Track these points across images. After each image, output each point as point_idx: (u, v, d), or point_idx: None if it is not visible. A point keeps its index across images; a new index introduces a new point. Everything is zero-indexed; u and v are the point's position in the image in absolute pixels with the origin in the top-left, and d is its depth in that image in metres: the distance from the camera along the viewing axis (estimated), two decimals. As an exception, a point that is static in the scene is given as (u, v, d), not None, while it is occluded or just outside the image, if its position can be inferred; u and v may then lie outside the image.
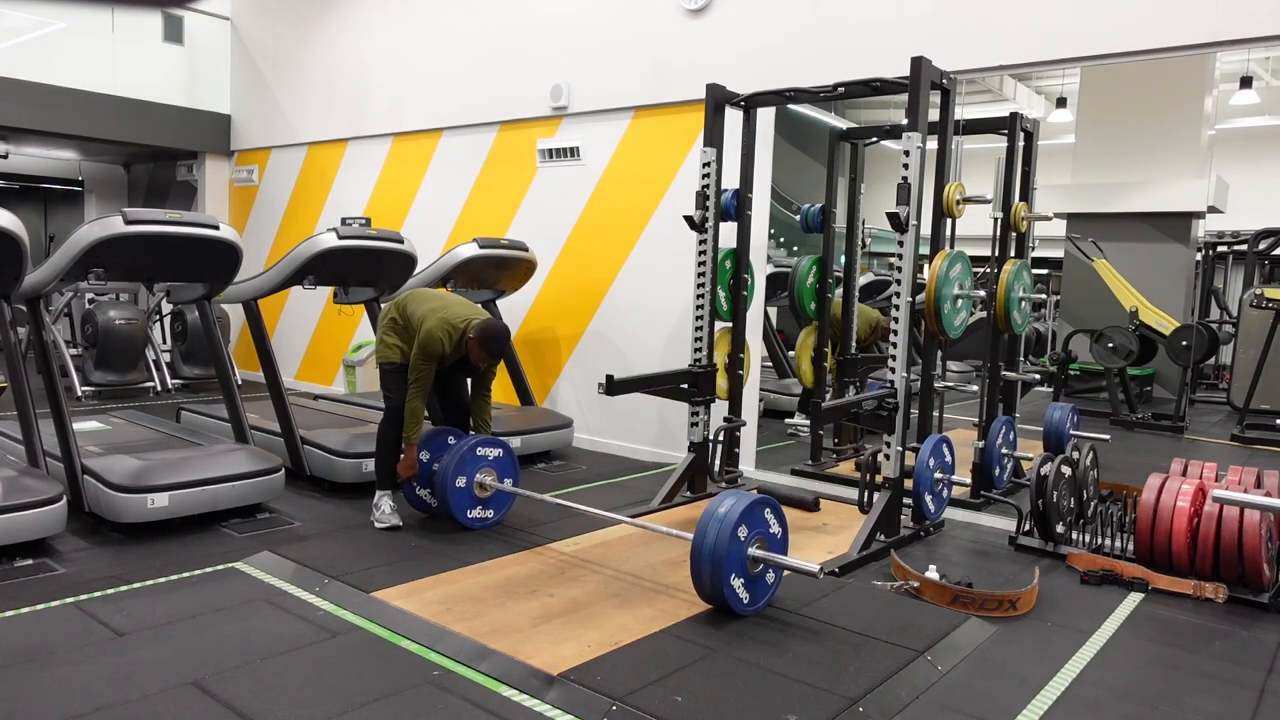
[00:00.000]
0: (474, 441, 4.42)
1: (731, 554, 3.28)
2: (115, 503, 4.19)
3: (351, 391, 8.18)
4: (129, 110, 9.00)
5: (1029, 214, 5.27)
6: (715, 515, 3.33)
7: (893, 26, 5.23)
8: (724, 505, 3.36)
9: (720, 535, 3.26)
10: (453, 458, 4.36)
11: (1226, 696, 2.97)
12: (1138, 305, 7.88)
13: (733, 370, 5.37)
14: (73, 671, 2.88)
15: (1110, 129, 8.09)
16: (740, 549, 3.32)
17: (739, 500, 3.37)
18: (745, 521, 3.32)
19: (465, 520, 4.41)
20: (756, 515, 3.40)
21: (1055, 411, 5.38)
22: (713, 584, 3.29)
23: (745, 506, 3.33)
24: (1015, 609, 3.62)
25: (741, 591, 3.34)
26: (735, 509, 3.32)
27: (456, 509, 4.36)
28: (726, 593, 3.29)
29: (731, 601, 3.31)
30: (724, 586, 3.27)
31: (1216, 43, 4.35)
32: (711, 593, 3.32)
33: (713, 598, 3.35)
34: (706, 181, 5.12)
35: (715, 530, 3.28)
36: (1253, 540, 3.73)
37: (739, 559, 3.32)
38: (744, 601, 3.36)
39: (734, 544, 3.28)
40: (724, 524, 3.28)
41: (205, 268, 4.90)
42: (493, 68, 7.24)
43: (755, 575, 3.40)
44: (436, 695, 2.79)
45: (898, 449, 4.34)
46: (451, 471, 4.33)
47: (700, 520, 3.35)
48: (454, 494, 4.34)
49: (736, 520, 3.29)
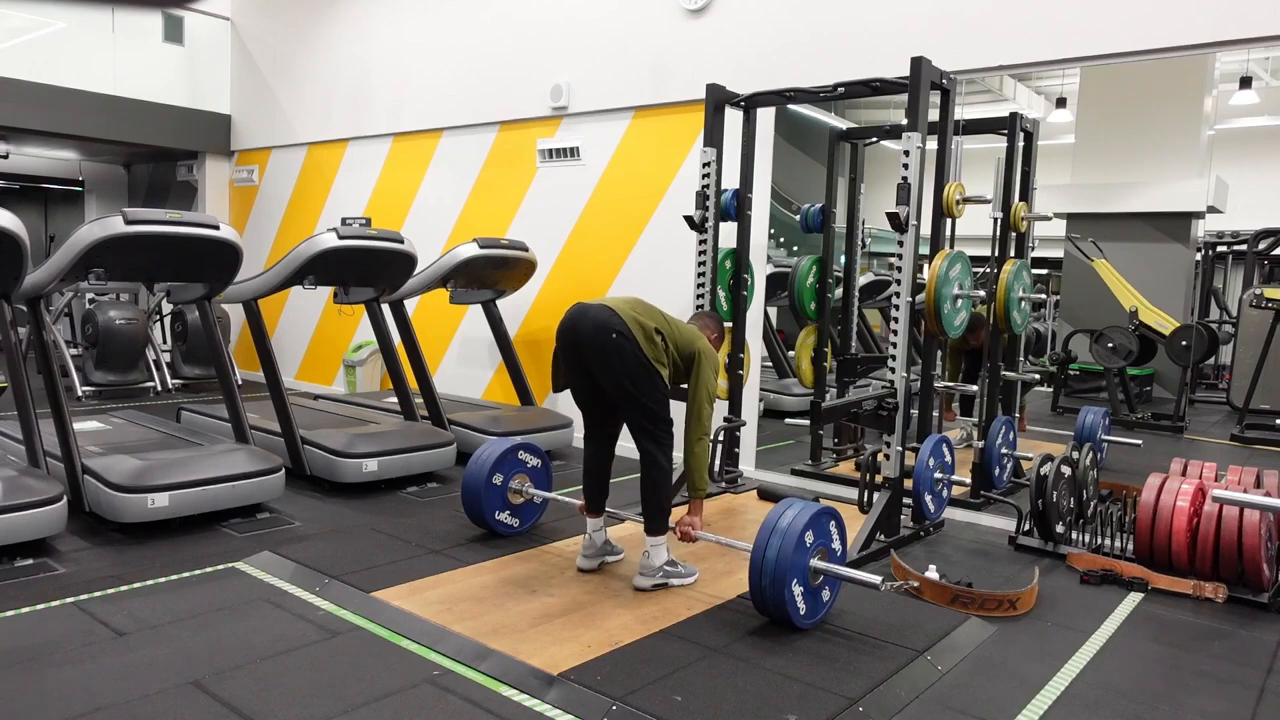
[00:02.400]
0: (518, 444, 4.34)
1: (795, 564, 3.17)
2: (115, 502, 4.19)
3: (351, 391, 8.18)
4: (129, 110, 9.00)
5: (1029, 214, 5.28)
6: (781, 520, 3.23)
7: (893, 26, 5.23)
8: (790, 513, 3.26)
9: (785, 543, 3.16)
10: (492, 454, 4.22)
11: (1226, 696, 2.97)
12: (1137, 305, 7.87)
13: (733, 370, 5.37)
14: (73, 671, 2.88)
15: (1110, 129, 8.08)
16: (804, 558, 3.22)
17: (805, 509, 3.27)
18: (812, 529, 3.23)
19: (491, 521, 4.25)
20: (822, 526, 3.31)
21: (1088, 415, 5.37)
22: (774, 590, 3.17)
23: (811, 515, 3.24)
24: (1015, 609, 3.62)
25: (800, 603, 3.24)
26: (801, 517, 3.22)
27: (487, 508, 4.22)
28: (787, 596, 3.17)
29: (791, 612, 3.20)
30: (785, 591, 3.16)
31: (1216, 43, 4.35)
32: (772, 600, 3.20)
33: (773, 607, 3.22)
34: (706, 181, 5.12)
35: (781, 535, 3.18)
36: (1252, 540, 3.73)
37: (801, 569, 3.21)
38: (801, 613, 3.25)
39: (799, 553, 3.19)
40: (789, 532, 3.18)
41: (205, 268, 4.90)
42: (493, 68, 7.24)
43: (815, 587, 3.30)
44: (436, 695, 2.79)
45: (898, 449, 4.34)
46: (490, 467, 4.19)
47: (764, 522, 3.26)
48: (488, 491, 4.21)
49: (803, 528, 3.19)
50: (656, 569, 3.67)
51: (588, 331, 3.56)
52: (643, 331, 3.56)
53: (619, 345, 3.51)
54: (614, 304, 3.62)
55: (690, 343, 3.73)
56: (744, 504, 5.14)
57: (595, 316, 3.55)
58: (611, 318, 3.53)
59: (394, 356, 6.01)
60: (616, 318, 3.53)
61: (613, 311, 3.55)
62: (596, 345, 3.55)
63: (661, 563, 3.68)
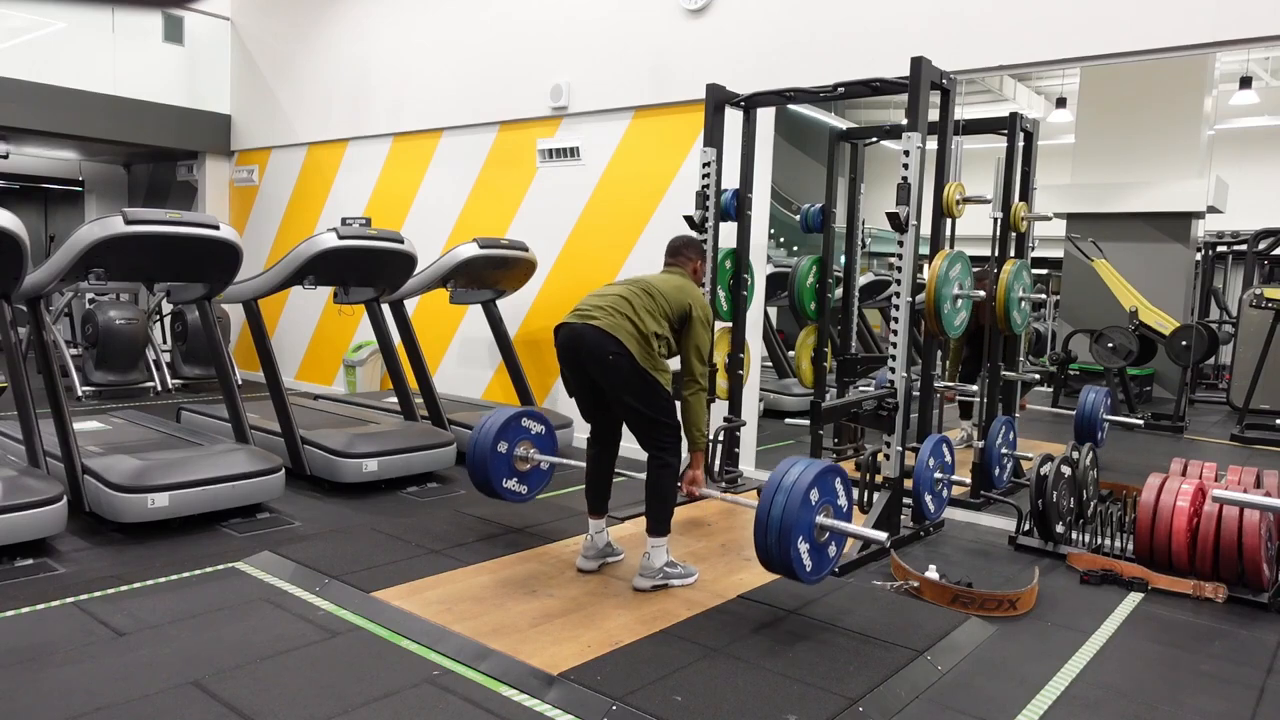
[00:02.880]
0: (521, 411, 4.35)
1: (801, 520, 3.16)
2: (115, 503, 4.19)
3: (351, 391, 8.18)
4: (129, 110, 9.00)
5: (1029, 214, 5.27)
6: (786, 478, 3.21)
7: (893, 26, 5.23)
8: (795, 470, 3.24)
9: (791, 499, 3.14)
10: (497, 421, 4.24)
11: (1226, 696, 2.97)
12: (1137, 305, 7.87)
13: (733, 370, 5.37)
14: (73, 671, 2.88)
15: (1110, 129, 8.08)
16: (810, 515, 3.20)
17: (810, 466, 3.25)
18: (818, 487, 3.21)
19: (499, 489, 4.28)
20: (828, 483, 3.29)
21: (1090, 394, 5.33)
22: (780, 548, 3.16)
23: (817, 472, 3.22)
24: (1015, 609, 3.62)
25: (807, 558, 3.23)
26: (807, 474, 3.20)
27: (494, 476, 4.24)
28: (793, 555, 3.16)
29: (797, 568, 3.19)
30: (791, 549, 3.15)
31: (1216, 43, 4.35)
32: (779, 558, 3.19)
33: (779, 564, 3.22)
34: (706, 181, 5.12)
35: (786, 493, 3.16)
36: (1252, 540, 3.73)
37: (808, 525, 3.20)
38: (808, 569, 3.24)
39: (805, 510, 3.17)
40: (795, 488, 3.16)
41: (205, 268, 4.90)
42: (493, 68, 7.24)
43: (821, 544, 3.29)
44: (436, 695, 2.79)
45: (898, 449, 4.34)
46: (495, 435, 4.20)
47: (770, 479, 3.25)
48: (494, 459, 4.22)
49: (809, 485, 3.17)
50: (656, 570, 3.67)
51: (586, 351, 3.57)
52: (639, 341, 3.54)
53: (616, 365, 3.53)
54: (604, 317, 3.55)
55: (682, 303, 3.70)
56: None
57: (590, 340, 3.54)
58: (604, 340, 3.51)
59: (394, 356, 6.01)
60: (610, 339, 3.51)
61: (603, 333, 3.51)
62: (596, 362, 3.57)
63: (661, 564, 3.68)
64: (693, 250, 4.06)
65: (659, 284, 3.74)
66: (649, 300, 3.64)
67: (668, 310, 3.66)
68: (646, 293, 3.66)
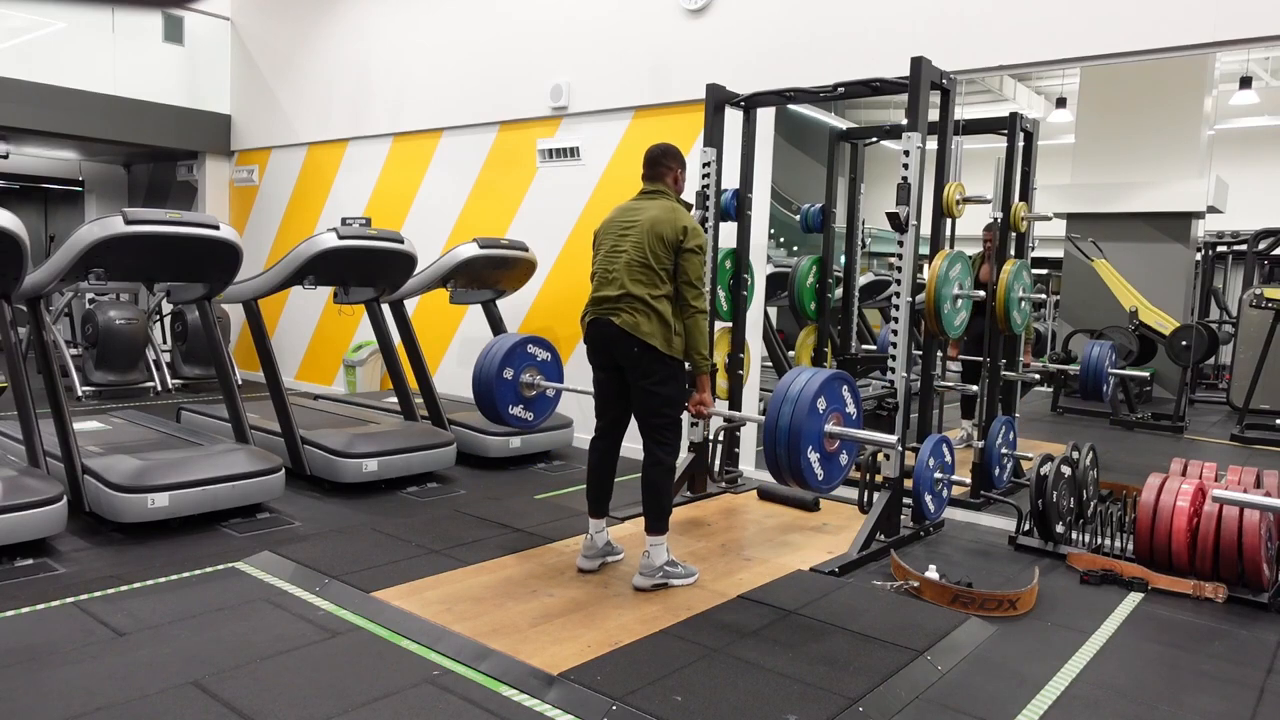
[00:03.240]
0: (525, 338, 4.34)
1: (810, 429, 3.13)
2: (115, 503, 4.19)
3: (351, 391, 8.18)
4: (129, 110, 9.00)
5: (1029, 214, 5.27)
6: (792, 387, 3.17)
7: (893, 26, 5.23)
8: (801, 378, 3.21)
9: (799, 408, 3.11)
10: (501, 348, 4.23)
11: (1226, 696, 2.97)
12: (1138, 305, 7.87)
13: (733, 370, 5.37)
14: (73, 671, 2.88)
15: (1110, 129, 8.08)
16: (819, 423, 3.17)
17: (816, 374, 3.21)
18: (825, 395, 3.18)
19: (506, 416, 4.29)
20: (835, 390, 3.25)
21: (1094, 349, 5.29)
22: (790, 457, 3.14)
23: (824, 380, 3.19)
24: (1015, 609, 3.62)
25: (818, 467, 3.21)
26: (813, 383, 3.17)
27: (500, 402, 4.24)
28: (804, 465, 3.14)
29: (808, 476, 3.18)
30: (801, 459, 3.12)
31: (1216, 43, 4.35)
32: (789, 467, 3.18)
33: (790, 472, 3.20)
34: (706, 181, 5.12)
35: (793, 403, 3.13)
36: (1252, 540, 3.73)
37: (816, 434, 3.17)
38: (819, 478, 3.23)
39: (813, 418, 3.13)
40: (802, 396, 3.14)
41: (205, 268, 4.90)
42: (493, 68, 7.24)
43: (832, 453, 3.26)
44: (436, 695, 2.79)
45: (898, 449, 4.34)
46: (499, 362, 4.20)
47: (775, 392, 3.23)
48: (500, 385, 4.22)
49: (815, 392, 3.14)
50: (656, 569, 3.67)
51: (615, 341, 3.64)
52: (656, 329, 3.58)
53: (640, 356, 3.60)
54: (621, 312, 3.59)
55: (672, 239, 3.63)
56: (744, 504, 5.14)
57: (615, 336, 3.62)
58: (624, 337, 3.59)
59: (394, 356, 6.01)
60: (629, 337, 3.57)
61: (622, 331, 3.58)
62: (624, 354, 3.64)
63: (661, 563, 3.68)
64: (669, 159, 3.93)
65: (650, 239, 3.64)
66: (651, 273, 3.62)
67: (667, 265, 3.64)
68: (646, 266, 3.62)
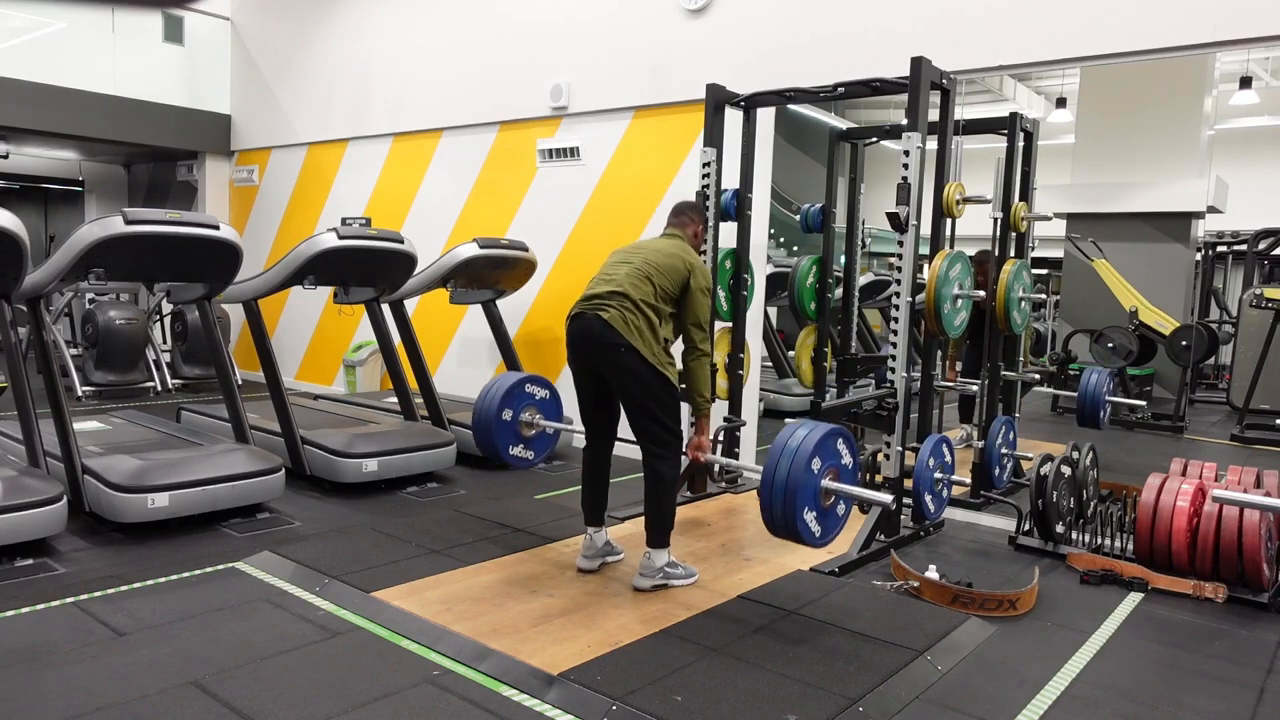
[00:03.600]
0: (523, 378, 4.34)
1: (805, 486, 3.15)
2: (115, 503, 4.19)
3: (351, 391, 8.18)
4: (129, 110, 9.00)
5: (1029, 214, 5.27)
6: (787, 447, 3.19)
7: (893, 26, 5.23)
8: (796, 436, 3.23)
9: (794, 469, 3.13)
10: (500, 389, 4.24)
11: (1226, 696, 2.97)
12: (1138, 305, 7.88)
13: (733, 370, 5.37)
14: (73, 671, 2.88)
15: (1110, 129, 8.08)
16: (813, 482, 3.19)
17: (812, 431, 3.23)
18: (819, 454, 3.20)
19: (506, 456, 4.29)
20: (829, 447, 3.27)
21: (1092, 375, 5.32)
22: (785, 518, 3.17)
23: (819, 438, 3.21)
24: (1015, 609, 3.62)
25: (814, 525, 3.23)
26: (809, 441, 3.19)
27: (501, 444, 4.24)
28: (800, 527, 3.16)
29: (805, 535, 3.20)
30: (797, 521, 3.15)
31: (1216, 43, 4.35)
32: (784, 527, 3.20)
33: (786, 532, 3.22)
34: (706, 181, 5.12)
35: (788, 463, 3.15)
36: (1252, 540, 3.73)
37: (812, 491, 3.19)
38: (816, 535, 3.24)
39: (808, 477, 3.15)
40: (797, 457, 3.15)
41: (205, 268, 4.90)
42: (493, 68, 7.24)
43: (828, 508, 3.28)
44: (436, 695, 2.79)
45: (898, 449, 4.34)
46: (498, 404, 4.21)
47: (770, 452, 3.23)
48: (499, 427, 4.23)
49: (810, 453, 3.16)
50: (657, 569, 3.67)
51: (595, 343, 3.58)
52: (643, 333, 3.53)
53: (624, 360, 3.54)
54: (614, 310, 3.56)
55: (679, 272, 3.68)
56: (744, 504, 5.14)
57: (597, 332, 3.55)
58: (608, 332, 3.52)
59: (394, 356, 6.01)
60: (614, 332, 3.52)
61: (608, 325, 3.53)
62: (606, 359, 3.58)
63: (663, 564, 3.68)
64: (694, 213, 4.06)
65: (656, 260, 3.69)
66: (650, 287, 3.62)
67: (668, 288, 3.66)
68: (648, 279, 3.64)
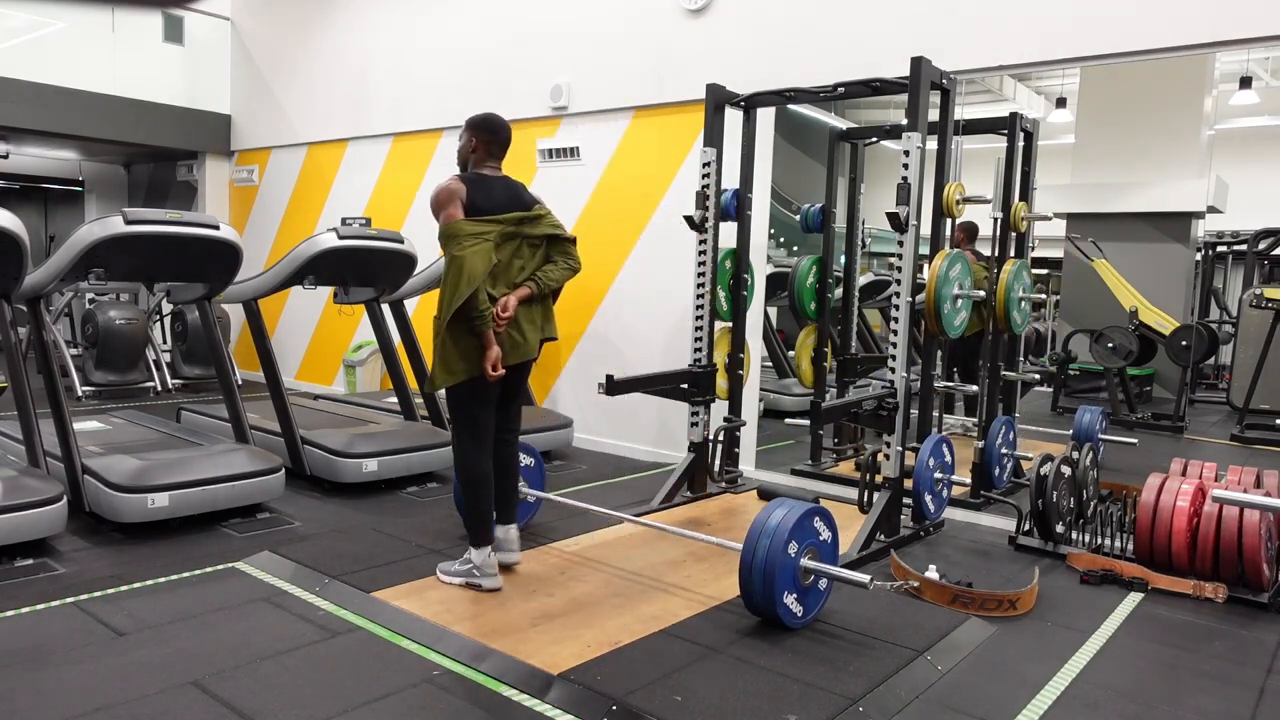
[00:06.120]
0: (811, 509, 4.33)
1: (783, 569, 3.19)
2: (115, 503, 4.19)
3: (351, 391, 8.18)
4: (129, 110, 9.00)
5: (1029, 214, 5.27)
6: (764, 530, 3.23)
7: (893, 26, 5.23)
8: (772, 519, 3.26)
9: (771, 552, 3.17)
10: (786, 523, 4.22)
11: (1226, 696, 2.97)
12: (1137, 305, 7.87)
13: (733, 370, 5.37)
14: (73, 671, 2.89)
15: (1110, 129, 8.08)
16: (791, 565, 3.23)
17: (788, 513, 3.26)
18: (795, 537, 3.23)
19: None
20: (806, 527, 3.31)
21: (1085, 414, 5.42)
22: (764, 600, 3.21)
23: (795, 521, 3.24)
24: (1015, 609, 3.62)
25: (794, 606, 3.26)
26: (785, 524, 3.22)
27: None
28: (780, 611, 3.20)
29: (785, 618, 3.23)
30: (777, 606, 3.19)
31: (1216, 43, 4.35)
32: (764, 608, 3.24)
33: (764, 613, 3.26)
34: (706, 181, 5.12)
35: (765, 546, 3.19)
36: (1252, 540, 3.73)
37: (790, 573, 3.23)
38: (797, 616, 3.27)
39: (784, 559, 3.18)
40: (774, 540, 3.19)
41: (205, 268, 4.90)
42: (493, 68, 7.24)
43: (807, 587, 3.32)
44: (436, 695, 2.79)
45: (898, 449, 4.34)
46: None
47: (748, 535, 3.25)
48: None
49: (786, 537, 3.20)
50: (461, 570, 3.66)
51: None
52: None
53: None
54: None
55: None
56: (744, 504, 5.14)
57: None
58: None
59: (394, 356, 6.01)
60: None
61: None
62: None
63: (468, 566, 3.65)
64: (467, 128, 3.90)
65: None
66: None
67: None
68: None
